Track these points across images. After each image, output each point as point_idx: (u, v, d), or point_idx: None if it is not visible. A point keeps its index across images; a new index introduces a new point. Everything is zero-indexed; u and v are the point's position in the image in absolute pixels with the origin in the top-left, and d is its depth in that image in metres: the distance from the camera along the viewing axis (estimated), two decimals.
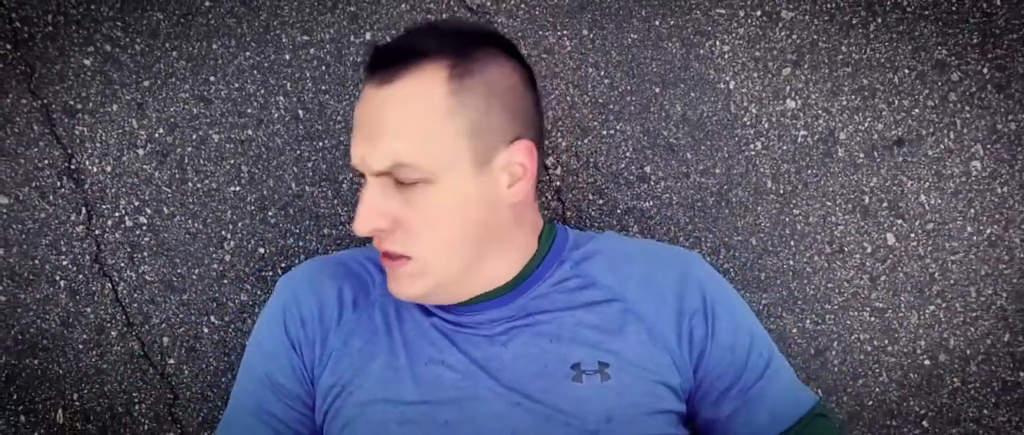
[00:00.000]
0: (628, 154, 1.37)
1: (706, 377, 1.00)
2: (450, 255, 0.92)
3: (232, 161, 1.31)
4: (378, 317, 0.99)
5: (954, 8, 1.37)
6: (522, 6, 1.34)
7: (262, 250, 1.32)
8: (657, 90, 1.35)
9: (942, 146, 1.35)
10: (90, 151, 1.30)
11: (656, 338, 0.98)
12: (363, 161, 0.88)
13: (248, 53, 1.32)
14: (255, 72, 1.32)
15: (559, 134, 1.36)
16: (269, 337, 1.01)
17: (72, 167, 1.29)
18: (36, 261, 1.28)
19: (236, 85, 1.31)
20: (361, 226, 0.91)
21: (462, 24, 1.15)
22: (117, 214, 1.30)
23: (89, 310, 1.28)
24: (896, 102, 1.35)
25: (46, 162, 1.28)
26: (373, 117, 0.88)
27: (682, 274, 1.02)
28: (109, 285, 1.29)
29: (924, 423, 1.36)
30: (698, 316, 0.99)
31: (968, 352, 1.35)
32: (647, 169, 1.36)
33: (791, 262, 1.37)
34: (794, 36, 1.37)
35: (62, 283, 1.28)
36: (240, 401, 1.02)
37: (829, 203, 1.38)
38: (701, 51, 1.35)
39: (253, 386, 1.01)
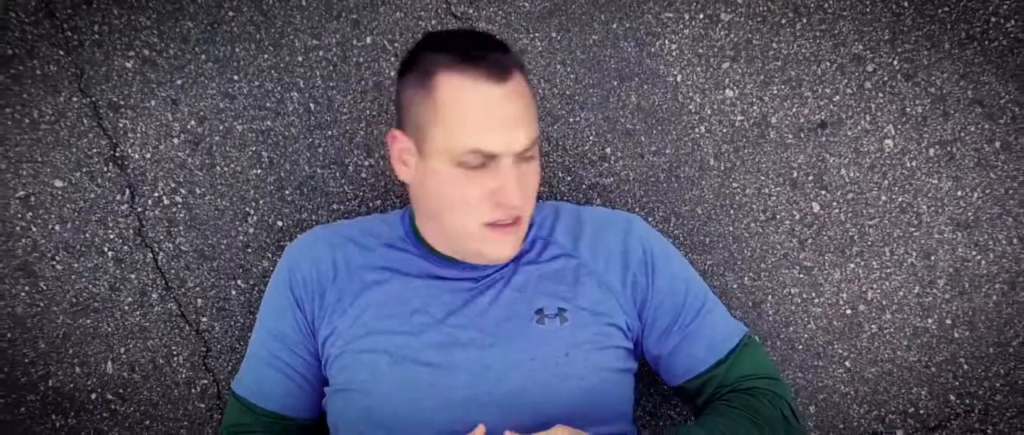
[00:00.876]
0: (591, 138, 1.45)
1: (650, 317, 1.13)
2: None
3: (254, 148, 1.39)
4: (370, 276, 1.11)
5: (868, 9, 1.46)
6: (499, 13, 1.42)
7: (280, 224, 1.40)
8: (615, 83, 1.43)
9: (859, 128, 1.45)
10: (132, 141, 1.37)
11: (605, 287, 1.11)
12: (508, 145, 0.96)
13: (266, 55, 1.39)
14: (272, 71, 1.40)
15: None
16: (277, 296, 1.13)
17: (116, 154, 1.37)
18: (87, 235, 1.36)
19: (256, 83, 1.39)
20: (525, 199, 1.01)
21: (486, 33, 1.23)
22: (156, 194, 1.38)
23: (133, 276, 1.36)
24: (819, 90, 1.44)
25: (94, 150, 1.36)
26: (506, 109, 0.98)
27: (626, 233, 1.15)
28: (150, 255, 1.37)
29: (846, 363, 1.46)
30: (640, 266, 1.12)
31: (883, 303, 1.46)
32: (607, 150, 1.45)
33: (731, 228, 1.46)
34: (732, 35, 1.45)
35: (110, 253, 1.36)
36: (254, 350, 1.15)
37: (763, 177, 1.46)
38: (652, 49, 1.44)
39: (265, 337, 1.14)
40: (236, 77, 1.38)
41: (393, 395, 1.04)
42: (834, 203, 1.45)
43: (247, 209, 1.38)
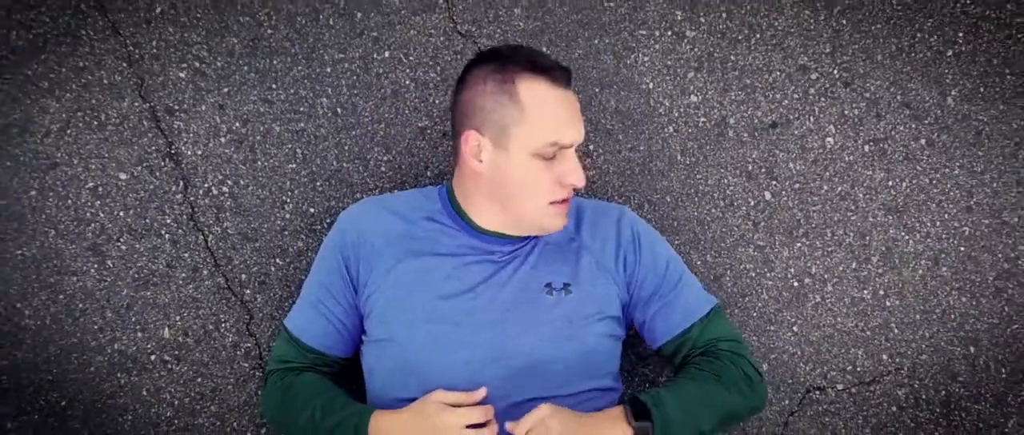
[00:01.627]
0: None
1: (636, 289, 1.26)
2: None
3: (289, 146, 1.47)
4: (410, 245, 1.23)
5: (812, 26, 1.55)
6: (498, 31, 1.52)
7: (312, 210, 1.49)
8: (597, 90, 1.53)
9: (804, 127, 1.55)
10: (185, 140, 1.45)
11: (602, 266, 1.25)
12: (576, 138, 1.18)
13: (299, 67, 1.48)
14: (305, 81, 1.48)
15: None
16: (329, 254, 1.27)
17: (172, 152, 1.46)
18: (147, 220, 1.45)
19: (291, 90, 1.48)
20: (584, 180, 1.20)
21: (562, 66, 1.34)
22: (206, 185, 1.47)
23: (186, 255, 1.45)
24: (770, 96, 1.54)
25: (153, 148, 1.44)
26: (573, 108, 1.18)
27: (618, 220, 1.29)
28: (201, 237, 1.46)
29: (794, 328, 1.55)
30: (629, 246, 1.26)
31: (825, 276, 1.55)
32: (590, 147, 1.55)
33: (695, 213, 1.55)
34: (696, 49, 1.54)
35: (166, 236, 1.45)
36: (305, 294, 1.28)
37: (722, 170, 1.56)
38: (628, 61, 1.53)
39: (315, 286, 1.27)
40: (274, 85, 1.48)
41: (425, 349, 1.17)
42: (783, 192, 1.55)
43: (284, 198, 1.48)
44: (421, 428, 1.12)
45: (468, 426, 1.09)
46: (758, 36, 1.52)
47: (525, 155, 1.14)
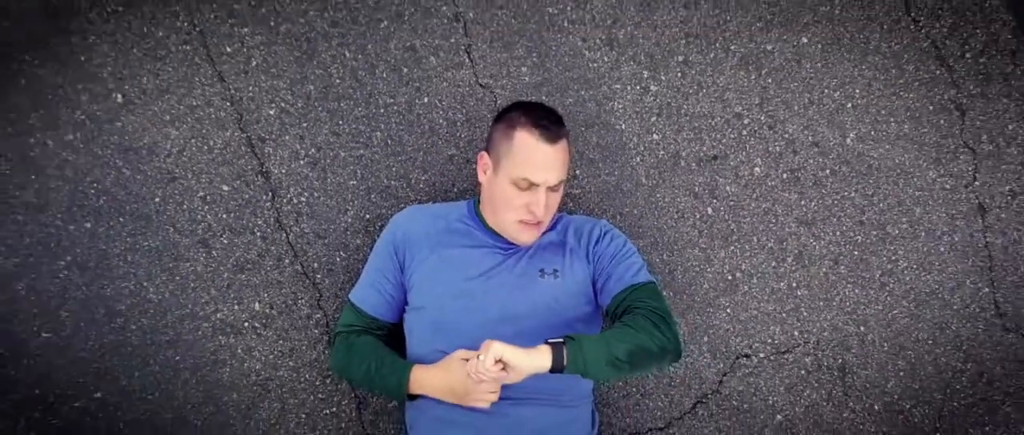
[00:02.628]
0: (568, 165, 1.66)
1: (595, 262, 1.48)
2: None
3: (351, 167, 1.68)
4: (442, 239, 1.47)
5: (745, 84, 1.72)
6: (509, 83, 1.72)
7: (367, 216, 1.70)
8: (583, 129, 1.73)
9: (738, 160, 1.75)
10: (273, 162, 1.67)
11: (580, 257, 1.48)
12: (544, 181, 1.38)
13: (359, 108, 1.68)
14: (364, 119, 1.68)
15: None
16: (383, 246, 1.51)
17: (263, 170, 1.67)
18: (244, 221, 1.65)
19: (354, 126, 1.67)
20: (545, 214, 1.42)
21: (553, 110, 1.48)
22: (288, 196, 1.68)
23: (273, 248, 1.66)
24: (713, 136, 1.74)
25: (249, 168, 1.66)
26: (549, 160, 1.38)
27: (594, 225, 1.52)
28: (284, 235, 1.68)
29: (728, 310, 1.75)
30: (598, 238, 1.49)
31: (751, 272, 1.74)
32: (578, 172, 1.75)
33: (655, 223, 1.75)
34: (657, 100, 1.73)
35: (258, 233, 1.66)
36: (365, 276, 1.52)
37: (676, 191, 1.76)
38: (606, 108, 1.73)
39: (373, 270, 1.51)
40: (341, 122, 1.68)
41: (451, 314, 1.42)
42: (721, 208, 1.76)
43: (346, 206, 1.69)
44: (447, 377, 1.38)
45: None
46: (704, 91, 1.74)
47: (506, 180, 1.40)
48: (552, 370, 1.25)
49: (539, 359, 1.24)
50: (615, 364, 1.29)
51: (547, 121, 1.39)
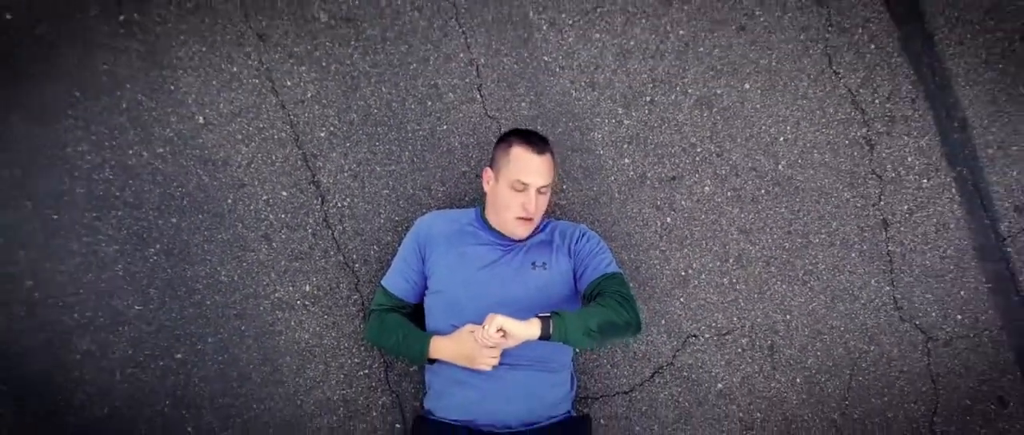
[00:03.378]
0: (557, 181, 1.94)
1: (575, 256, 1.70)
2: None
3: (384, 179, 1.92)
4: (454, 238, 1.69)
5: (699, 121, 1.93)
6: (513, 116, 1.94)
7: (397, 218, 1.92)
8: (570, 153, 1.96)
9: (692, 180, 1.97)
10: (323, 173, 1.90)
11: (564, 253, 1.70)
12: (534, 183, 1.60)
13: (392, 133, 1.92)
14: (396, 141, 1.91)
15: None
16: (409, 242, 1.74)
17: (315, 180, 1.90)
18: (298, 220, 1.88)
19: (387, 147, 1.90)
20: (536, 211, 1.64)
21: (541, 134, 1.74)
22: (334, 200, 1.90)
23: (321, 243, 1.90)
24: (672, 160, 1.97)
25: (303, 178, 1.89)
26: (538, 167, 1.62)
27: (576, 228, 1.73)
28: (330, 232, 1.90)
29: (681, 300, 1.98)
30: (578, 238, 1.71)
31: (700, 269, 1.97)
32: (565, 187, 1.98)
33: (625, 229, 1.98)
34: (629, 131, 1.96)
35: (309, 230, 1.90)
36: (394, 265, 1.75)
37: (641, 204, 1.98)
38: (588, 137, 1.97)
39: (400, 261, 1.74)
40: (377, 143, 1.93)
41: (463, 297, 1.66)
42: (678, 218, 1.99)
43: (380, 211, 1.93)
44: (458, 346, 1.63)
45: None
46: (666, 125, 1.98)
47: (505, 185, 1.64)
48: (541, 337, 1.48)
49: (531, 329, 1.48)
50: (589, 334, 1.53)
51: (536, 139, 1.65)
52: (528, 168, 1.63)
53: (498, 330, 1.47)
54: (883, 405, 2.04)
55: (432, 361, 1.71)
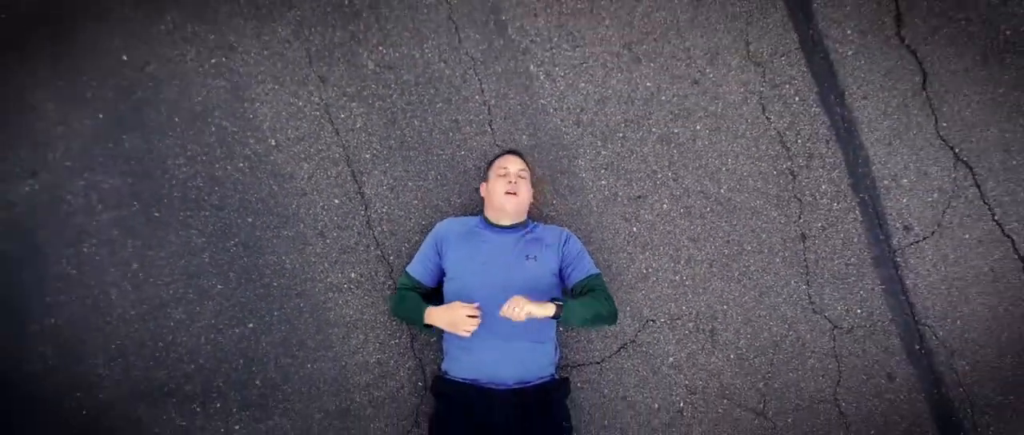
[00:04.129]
0: (547, 197, 2.30)
1: (563, 258, 2.04)
2: (528, 199, 1.97)
3: (413, 194, 2.25)
4: (464, 237, 2.02)
5: (664, 154, 2.24)
6: (511, 140, 2.26)
7: (424, 222, 2.26)
8: (557, 175, 2.30)
9: (654, 199, 2.30)
10: (367, 185, 2.23)
11: (553, 251, 2.03)
12: (512, 166, 2.03)
13: (420, 157, 2.27)
14: (424, 164, 2.26)
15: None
16: (429, 241, 2.10)
17: (361, 191, 2.23)
18: (346, 221, 2.22)
19: (420, 169, 2.24)
20: (517, 186, 2.02)
21: (517, 149, 2.11)
22: (376, 207, 2.25)
23: (364, 240, 2.23)
24: (640, 183, 2.30)
25: (353, 189, 2.22)
26: (513, 159, 2.09)
27: (562, 231, 2.08)
28: (371, 232, 2.23)
29: (642, 292, 2.30)
30: (564, 242, 2.05)
31: (659, 268, 2.26)
32: (554, 201, 2.32)
33: (599, 235, 2.31)
34: (605, 159, 2.29)
35: (354, 230, 2.24)
36: (416, 258, 2.12)
37: (614, 217, 2.33)
38: (574, 163, 2.29)
39: (421, 254, 2.09)
40: (409, 164, 2.27)
41: (471, 283, 1.98)
42: (642, 229, 2.32)
43: (411, 216, 2.27)
44: (445, 314, 1.95)
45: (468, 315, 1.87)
46: (634, 155, 2.32)
47: (492, 177, 1.98)
48: (553, 318, 1.90)
49: (548, 310, 1.87)
50: (585, 320, 1.94)
51: (511, 151, 2.04)
52: (504, 160, 2.03)
53: (526, 314, 1.82)
54: (797, 378, 2.38)
55: (429, 327, 2.05)
